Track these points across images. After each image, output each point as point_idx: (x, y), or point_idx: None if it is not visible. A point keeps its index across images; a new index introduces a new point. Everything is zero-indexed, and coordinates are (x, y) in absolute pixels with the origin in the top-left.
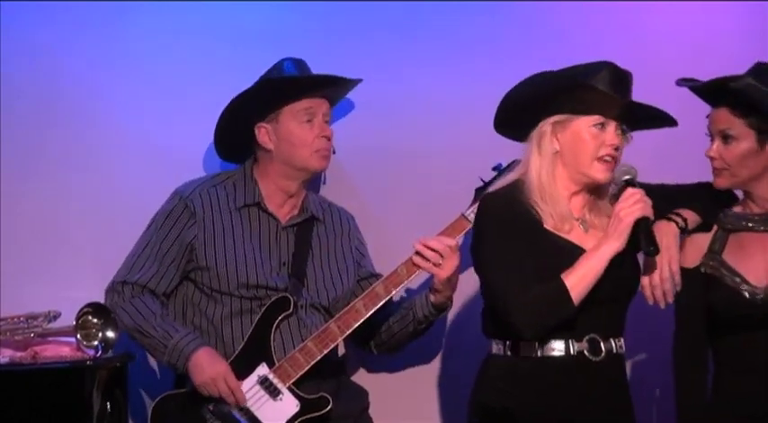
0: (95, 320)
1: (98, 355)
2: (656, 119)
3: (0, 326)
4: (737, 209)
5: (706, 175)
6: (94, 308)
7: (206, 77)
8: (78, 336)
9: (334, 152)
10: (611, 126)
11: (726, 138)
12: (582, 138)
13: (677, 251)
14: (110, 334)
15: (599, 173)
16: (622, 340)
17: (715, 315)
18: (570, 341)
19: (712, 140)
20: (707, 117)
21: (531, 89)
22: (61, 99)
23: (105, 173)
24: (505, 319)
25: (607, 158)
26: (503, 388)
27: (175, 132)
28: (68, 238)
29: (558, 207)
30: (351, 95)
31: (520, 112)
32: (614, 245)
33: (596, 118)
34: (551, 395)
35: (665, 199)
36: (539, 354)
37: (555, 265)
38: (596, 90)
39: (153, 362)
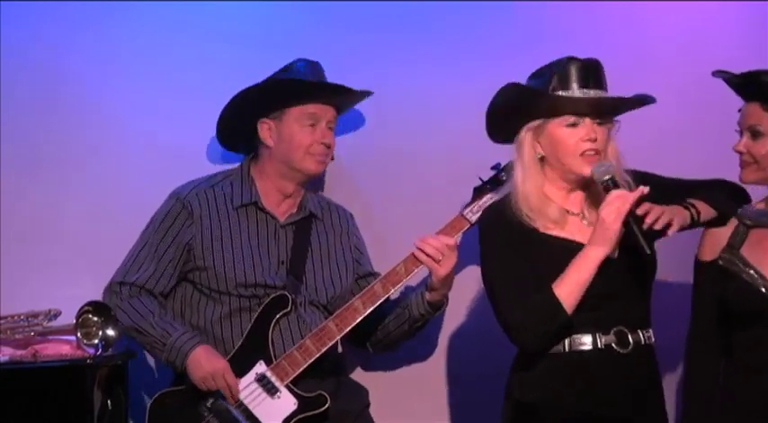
0: (95, 319)
1: (98, 353)
2: (632, 103)
3: (0, 324)
4: (760, 205)
5: (706, 169)
6: (95, 306)
7: (208, 77)
8: (78, 334)
9: (332, 159)
10: (585, 121)
11: (755, 133)
12: (559, 138)
13: (666, 216)
14: (110, 332)
15: (584, 168)
16: (651, 331)
17: (729, 309)
18: (598, 335)
19: (741, 135)
20: (738, 111)
21: (505, 100)
22: (62, 98)
23: (105, 171)
24: (507, 334)
25: (589, 153)
26: (534, 384)
27: (177, 131)
28: (69, 236)
29: (545, 211)
30: None
31: (503, 121)
32: (601, 250)
33: (568, 118)
34: (583, 389)
35: (680, 192)
36: (567, 349)
37: (554, 266)
38: (560, 97)
39: (153, 360)
